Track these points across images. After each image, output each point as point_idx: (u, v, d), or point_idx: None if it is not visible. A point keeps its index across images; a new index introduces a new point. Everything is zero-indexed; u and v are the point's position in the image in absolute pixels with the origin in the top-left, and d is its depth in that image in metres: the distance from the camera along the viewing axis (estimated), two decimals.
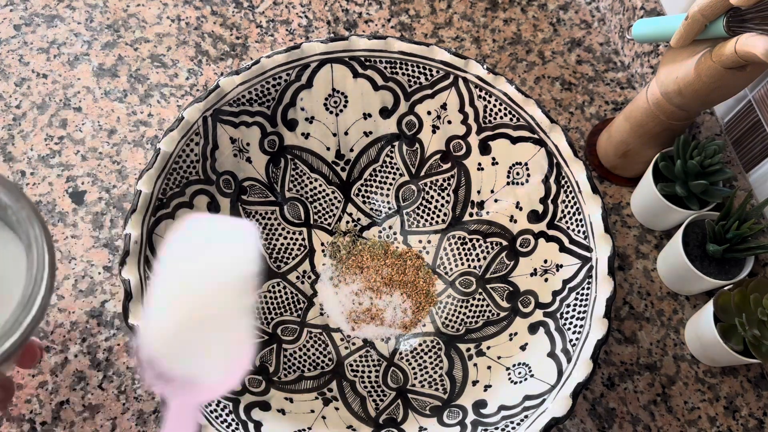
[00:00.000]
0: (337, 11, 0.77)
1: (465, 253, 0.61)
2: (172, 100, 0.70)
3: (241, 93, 0.56)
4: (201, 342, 0.26)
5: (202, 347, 0.26)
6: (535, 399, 0.49)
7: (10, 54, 0.71)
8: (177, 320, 0.26)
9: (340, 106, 0.60)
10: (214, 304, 0.26)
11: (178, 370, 0.25)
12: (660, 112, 0.60)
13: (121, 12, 0.75)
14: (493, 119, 0.58)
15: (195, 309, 0.26)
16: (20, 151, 0.66)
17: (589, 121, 0.72)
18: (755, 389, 0.60)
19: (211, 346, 0.26)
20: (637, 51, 0.73)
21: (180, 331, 0.26)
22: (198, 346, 0.26)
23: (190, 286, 0.26)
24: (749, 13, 0.50)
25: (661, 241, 0.66)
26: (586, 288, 0.52)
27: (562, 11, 0.79)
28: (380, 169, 0.63)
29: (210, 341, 0.26)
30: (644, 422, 0.58)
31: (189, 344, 0.26)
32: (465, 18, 0.78)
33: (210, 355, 0.26)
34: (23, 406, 0.56)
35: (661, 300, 0.64)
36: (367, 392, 0.56)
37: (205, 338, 0.26)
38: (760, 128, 0.62)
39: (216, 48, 0.74)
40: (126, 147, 0.67)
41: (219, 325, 0.26)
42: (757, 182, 0.64)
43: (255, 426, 0.49)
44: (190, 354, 0.26)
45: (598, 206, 0.53)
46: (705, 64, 0.53)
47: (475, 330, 0.58)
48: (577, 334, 0.51)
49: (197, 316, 0.26)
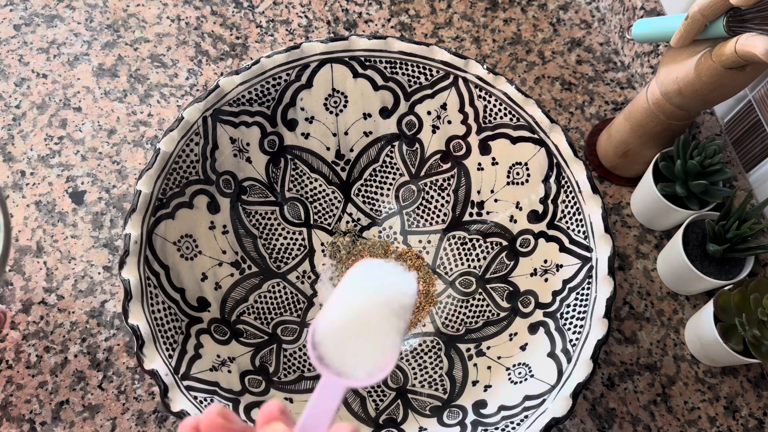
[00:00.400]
0: (337, 11, 0.77)
1: (465, 253, 0.61)
2: (171, 100, 0.70)
3: (241, 93, 0.56)
4: (358, 342, 0.33)
5: (358, 347, 0.33)
6: (535, 399, 0.49)
7: (10, 54, 0.71)
8: (345, 321, 0.33)
9: (340, 106, 0.60)
10: (375, 316, 0.33)
11: (335, 358, 0.32)
12: (660, 112, 0.60)
13: (121, 12, 0.75)
14: (493, 119, 0.58)
15: (360, 316, 0.33)
16: (20, 151, 0.66)
17: (589, 121, 0.72)
18: (755, 389, 0.60)
19: (366, 348, 0.33)
20: (637, 51, 0.73)
21: (345, 329, 0.33)
22: (355, 345, 0.33)
23: (361, 299, 0.34)
24: (749, 13, 0.50)
25: (661, 241, 0.66)
26: (586, 288, 0.52)
27: (562, 11, 0.79)
28: (380, 169, 0.63)
29: (365, 344, 0.33)
30: (644, 422, 0.58)
31: (349, 341, 0.32)
32: (465, 18, 0.78)
33: (363, 354, 0.32)
34: (23, 406, 0.56)
35: (661, 300, 0.64)
36: (366, 392, 0.56)
37: (362, 341, 0.33)
38: (760, 128, 0.62)
39: (216, 48, 0.74)
40: (126, 147, 0.67)
41: (375, 334, 0.33)
42: (757, 182, 0.64)
43: None
44: (347, 349, 0.32)
45: (598, 206, 0.53)
46: (705, 64, 0.53)
47: (475, 330, 0.58)
48: (577, 334, 0.51)
49: (360, 322, 0.33)
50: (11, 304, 0.59)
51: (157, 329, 0.49)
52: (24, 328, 0.59)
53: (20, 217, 0.63)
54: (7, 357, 0.58)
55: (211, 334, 0.53)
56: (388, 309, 0.33)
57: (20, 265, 0.61)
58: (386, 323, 0.33)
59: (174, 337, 0.50)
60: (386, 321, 0.33)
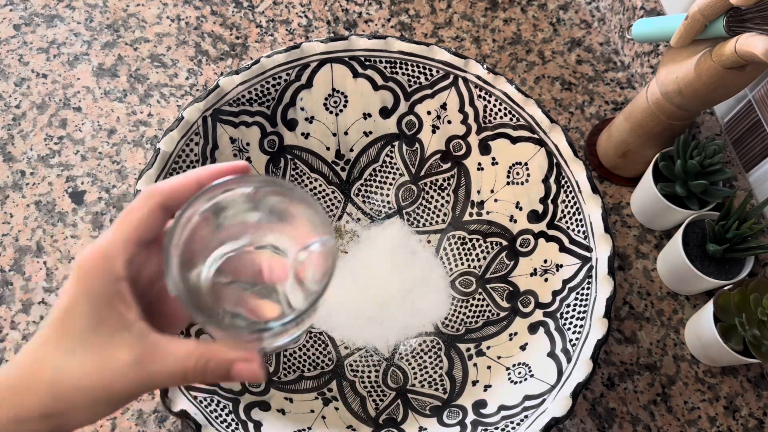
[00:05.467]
0: (337, 11, 0.77)
1: (465, 253, 0.61)
2: (171, 100, 0.70)
3: (240, 93, 0.56)
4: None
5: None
6: (535, 399, 0.49)
7: (10, 54, 0.71)
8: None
9: (339, 106, 0.60)
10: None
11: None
12: (660, 112, 0.60)
13: (121, 12, 0.75)
14: (493, 119, 0.58)
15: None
16: (20, 151, 0.66)
17: (589, 121, 0.72)
18: (755, 389, 0.60)
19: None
20: (637, 51, 0.73)
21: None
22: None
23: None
24: (749, 13, 0.50)
25: (661, 241, 0.66)
26: (586, 288, 0.52)
27: (562, 11, 0.79)
28: (380, 169, 0.63)
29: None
30: (644, 422, 0.58)
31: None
32: (465, 18, 0.78)
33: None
34: None
35: (661, 300, 0.64)
36: (367, 392, 0.56)
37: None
38: (760, 128, 0.62)
39: (216, 48, 0.74)
40: (126, 147, 0.67)
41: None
42: (757, 182, 0.64)
43: (255, 426, 0.49)
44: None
45: (598, 206, 0.53)
46: (705, 63, 0.53)
47: (475, 330, 0.58)
48: (577, 334, 0.51)
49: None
50: (11, 304, 0.59)
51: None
52: (24, 328, 0.59)
53: (20, 217, 0.63)
54: (8, 357, 0.57)
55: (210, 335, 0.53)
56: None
57: (20, 265, 0.61)
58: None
59: None
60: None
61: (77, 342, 0.31)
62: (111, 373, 0.31)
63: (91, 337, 0.31)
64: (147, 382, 0.31)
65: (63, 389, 0.30)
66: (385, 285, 0.59)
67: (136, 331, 0.31)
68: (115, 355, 0.31)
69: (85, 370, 0.30)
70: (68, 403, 0.30)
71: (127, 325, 0.31)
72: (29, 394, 0.30)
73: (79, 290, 0.31)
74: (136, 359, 0.31)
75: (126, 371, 0.31)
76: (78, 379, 0.30)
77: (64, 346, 0.31)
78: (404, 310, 0.58)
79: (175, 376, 0.31)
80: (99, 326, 0.31)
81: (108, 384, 0.31)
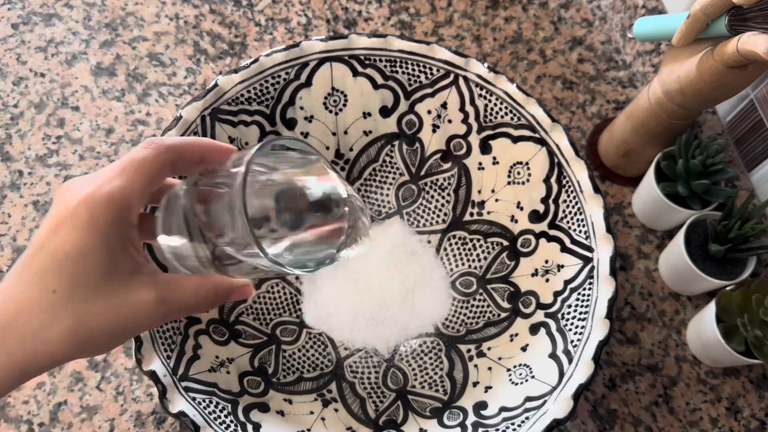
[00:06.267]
0: (337, 9, 0.77)
1: (465, 254, 0.61)
2: (170, 99, 0.70)
3: (239, 92, 0.56)
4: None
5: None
6: (536, 400, 0.49)
7: (8, 53, 0.71)
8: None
9: (339, 105, 0.60)
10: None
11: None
12: (662, 111, 0.60)
13: (119, 10, 0.74)
14: (494, 118, 0.58)
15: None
16: (18, 151, 0.66)
17: (591, 120, 0.72)
18: (757, 390, 0.60)
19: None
20: (639, 50, 0.72)
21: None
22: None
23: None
24: (751, 12, 0.50)
25: (663, 241, 0.66)
26: (587, 288, 0.52)
27: (563, 9, 0.79)
28: (380, 169, 0.63)
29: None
30: (646, 423, 0.58)
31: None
32: (465, 16, 0.77)
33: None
34: (21, 407, 0.56)
35: (663, 300, 0.63)
36: (366, 393, 0.55)
37: None
38: (762, 127, 0.62)
39: (215, 46, 0.73)
40: (124, 146, 0.67)
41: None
42: (759, 182, 0.64)
43: (254, 427, 0.49)
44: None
45: (600, 206, 0.53)
46: (707, 63, 0.52)
47: (476, 331, 0.58)
48: (578, 335, 0.50)
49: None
50: None
51: (155, 330, 0.48)
52: None
53: (18, 217, 0.63)
54: None
55: (209, 335, 0.52)
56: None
57: None
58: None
59: (172, 338, 0.49)
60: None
61: (91, 290, 0.32)
62: (135, 314, 0.33)
63: (108, 283, 0.32)
64: (166, 316, 0.34)
65: (87, 335, 0.32)
66: (385, 285, 0.58)
67: (148, 272, 0.34)
68: (138, 297, 0.33)
69: (106, 316, 0.32)
70: (90, 345, 0.32)
71: (139, 268, 0.33)
72: (48, 345, 0.31)
73: (92, 238, 0.31)
74: (159, 297, 0.33)
75: (151, 310, 0.33)
76: (101, 323, 0.32)
77: (81, 296, 0.31)
78: (404, 311, 0.58)
79: (189, 307, 0.35)
80: (113, 272, 0.32)
81: (132, 325, 0.33)
